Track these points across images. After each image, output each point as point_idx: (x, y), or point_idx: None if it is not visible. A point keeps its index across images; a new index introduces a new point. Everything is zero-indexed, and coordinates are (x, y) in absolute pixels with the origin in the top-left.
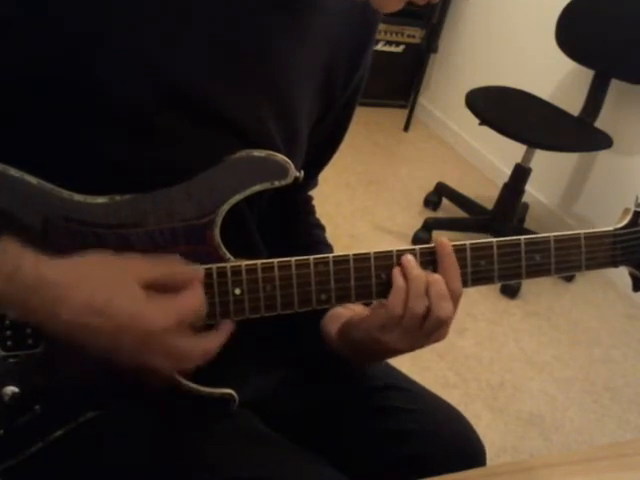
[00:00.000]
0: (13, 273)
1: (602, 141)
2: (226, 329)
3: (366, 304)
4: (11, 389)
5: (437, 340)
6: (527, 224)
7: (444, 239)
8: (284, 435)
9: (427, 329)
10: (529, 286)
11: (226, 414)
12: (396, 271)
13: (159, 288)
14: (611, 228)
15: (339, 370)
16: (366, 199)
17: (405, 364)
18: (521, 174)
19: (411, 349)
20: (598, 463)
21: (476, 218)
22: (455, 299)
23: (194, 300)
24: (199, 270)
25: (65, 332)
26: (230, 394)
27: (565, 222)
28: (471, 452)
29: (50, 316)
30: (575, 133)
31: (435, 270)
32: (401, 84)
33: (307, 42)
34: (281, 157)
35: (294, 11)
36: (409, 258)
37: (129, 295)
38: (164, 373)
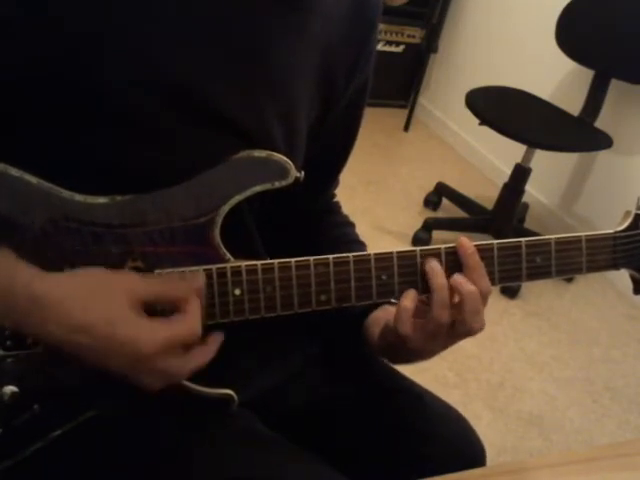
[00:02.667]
0: (5, 291)
1: (602, 141)
2: (216, 341)
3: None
4: (10, 388)
5: (460, 341)
6: (527, 224)
7: (465, 239)
8: (284, 435)
9: (454, 335)
10: (529, 286)
11: (226, 414)
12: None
13: (152, 309)
14: (612, 231)
15: (339, 371)
16: (366, 199)
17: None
18: (521, 174)
19: (442, 350)
20: (598, 463)
21: (476, 218)
22: (485, 297)
23: (187, 324)
24: (197, 285)
25: (58, 346)
26: (230, 394)
27: (565, 222)
28: (471, 452)
29: (42, 332)
30: (575, 133)
31: (461, 270)
32: (401, 84)
33: (307, 42)
34: (281, 157)
35: (294, 11)
36: (433, 266)
37: (120, 317)
38: (155, 389)
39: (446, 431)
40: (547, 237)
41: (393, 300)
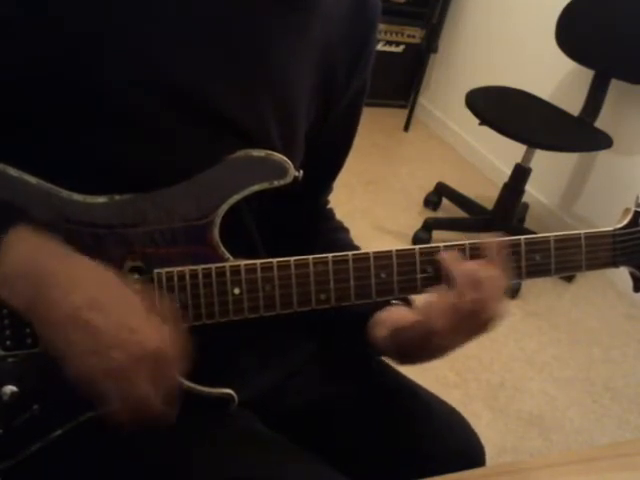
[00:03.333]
0: (18, 266)
1: (602, 141)
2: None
3: (408, 305)
4: (10, 388)
5: (484, 333)
6: (527, 224)
7: (495, 239)
8: (284, 435)
9: (478, 325)
10: (529, 286)
11: (225, 414)
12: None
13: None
14: (611, 228)
15: (339, 371)
16: (366, 199)
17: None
18: (521, 174)
19: (463, 344)
20: (598, 463)
21: (476, 218)
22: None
23: (180, 335)
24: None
25: (60, 328)
26: (229, 394)
27: (565, 222)
28: (471, 453)
29: (49, 309)
30: (575, 133)
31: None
32: (401, 84)
33: (307, 41)
34: (280, 157)
35: (294, 10)
36: (450, 253)
37: (131, 305)
38: (141, 397)
39: (446, 431)
40: (546, 235)
41: (394, 301)
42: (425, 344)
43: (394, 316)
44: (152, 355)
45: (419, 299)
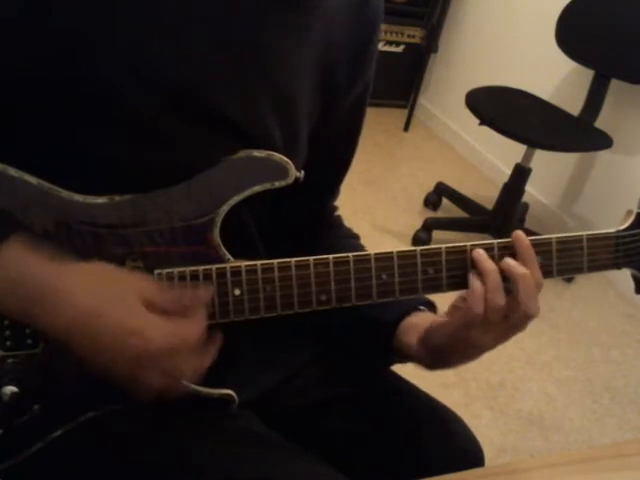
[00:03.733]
0: (15, 282)
1: (602, 141)
2: (215, 343)
3: (430, 309)
4: (10, 389)
5: (520, 331)
6: (527, 224)
7: (521, 232)
8: (284, 435)
9: (512, 323)
10: None
11: (226, 415)
12: (471, 275)
13: (161, 311)
14: (613, 230)
15: (338, 372)
16: (366, 199)
17: (406, 364)
18: (521, 174)
19: (495, 344)
20: (598, 463)
21: (476, 218)
22: (538, 289)
23: (194, 327)
24: (205, 295)
25: (63, 337)
26: (230, 394)
27: (565, 222)
28: (469, 453)
29: (52, 321)
30: (575, 133)
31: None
32: (401, 84)
33: (307, 41)
34: (281, 157)
35: (294, 10)
36: (480, 252)
37: (131, 309)
38: (155, 389)
39: (444, 432)
40: (548, 236)
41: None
42: (457, 346)
43: (424, 320)
44: (154, 356)
45: (444, 304)
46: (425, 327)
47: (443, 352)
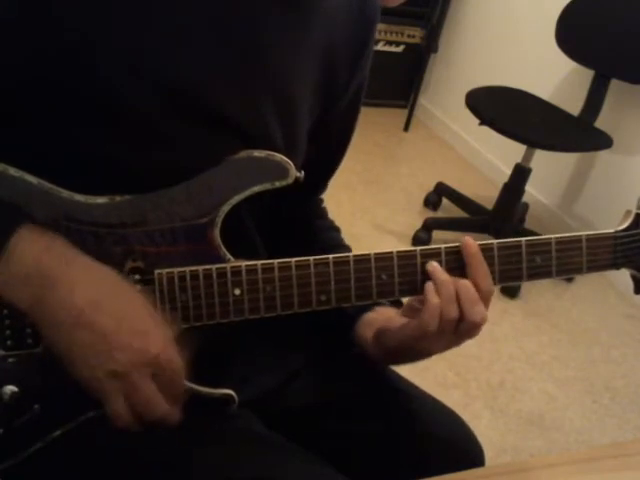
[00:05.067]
0: (24, 267)
1: (602, 141)
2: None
3: (396, 306)
4: (10, 388)
5: (471, 338)
6: (527, 224)
7: (469, 238)
8: (284, 435)
9: (462, 332)
10: (529, 286)
11: (226, 415)
12: (429, 287)
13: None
14: (612, 230)
15: (338, 372)
16: (366, 199)
17: (406, 364)
18: (521, 174)
19: (445, 350)
20: (598, 463)
21: (476, 218)
22: (486, 297)
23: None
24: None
25: (65, 330)
26: (230, 394)
27: (565, 222)
28: (469, 453)
29: (54, 310)
30: (575, 133)
31: (462, 269)
32: (401, 84)
33: (307, 41)
34: (281, 157)
35: (294, 10)
36: (434, 265)
37: (136, 307)
38: (149, 396)
39: (444, 432)
40: (547, 237)
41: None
42: (408, 352)
43: (382, 318)
44: (156, 358)
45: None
46: (381, 324)
47: (394, 354)
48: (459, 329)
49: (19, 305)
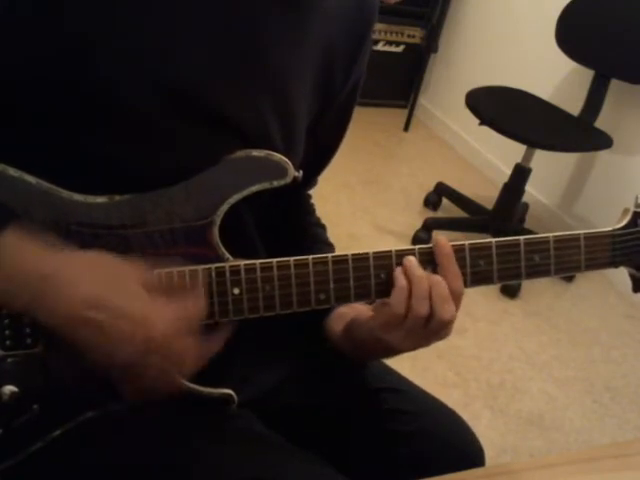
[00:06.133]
0: (15, 272)
1: (602, 141)
2: (226, 330)
3: (369, 303)
4: (10, 388)
5: (440, 339)
6: (527, 224)
7: (442, 238)
8: (284, 435)
9: (431, 330)
10: (529, 286)
11: (226, 415)
12: (398, 271)
13: (161, 290)
14: (610, 228)
15: (338, 372)
16: (366, 199)
17: (405, 364)
18: (521, 174)
19: (414, 349)
20: (598, 463)
21: (476, 218)
22: (456, 298)
23: (195, 304)
24: (200, 271)
25: (65, 328)
26: (229, 394)
27: (565, 222)
28: (469, 453)
29: (54, 311)
30: (575, 133)
31: (435, 270)
32: (401, 84)
33: (306, 41)
34: (280, 157)
35: (294, 10)
36: (411, 259)
37: (132, 296)
38: (161, 377)
39: (444, 432)
40: (545, 235)
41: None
42: (377, 345)
43: (352, 311)
44: (159, 342)
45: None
46: (351, 317)
47: (363, 347)
48: (428, 327)
49: (14, 305)
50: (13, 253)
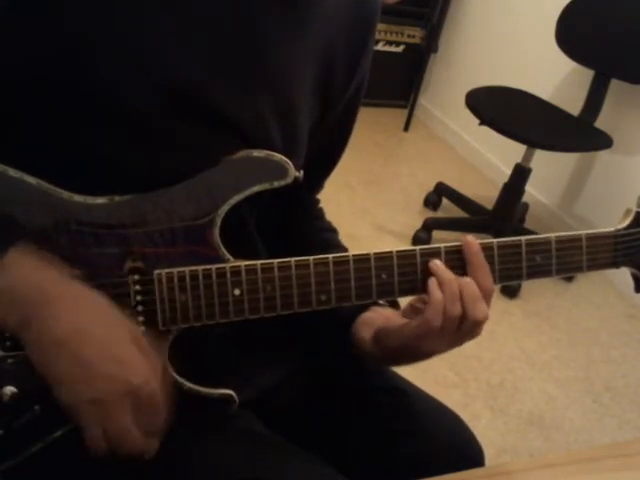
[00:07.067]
0: (16, 286)
1: (602, 141)
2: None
3: (392, 305)
4: (10, 389)
5: (473, 338)
6: (527, 224)
7: (471, 237)
8: (284, 435)
9: (464, 331)
10: (529, 286)
11: (226, 415)
12: (432, 283)
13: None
14: (612, 229)
15: (338, 372)
16: (366, 199)
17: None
18: (521, 174)
19: (447, 350)
20: (598, 463)
21: (476, 218)
22: (487, 297)
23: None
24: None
25: (46, 351)
26: (230, 394)
27: (565, 222)
28: (469, 453)
29: (38, 332)
30: (575, 133)
31: (463, 269)
32: (401, 84)
33: (306, 41)
34: (280, 157)
35: (293, 10)
36: (437, 263)
37: (122, 339)
38: (121, 427)
39: (444, 432)
40: (547, 235)
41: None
42: (409, 351)
43: (380, 317)
44: (137, 390)
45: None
46: (380, 324)
47: (395, 355)
48: (461, 328)
49: (7, 326)
50: (11, 274)
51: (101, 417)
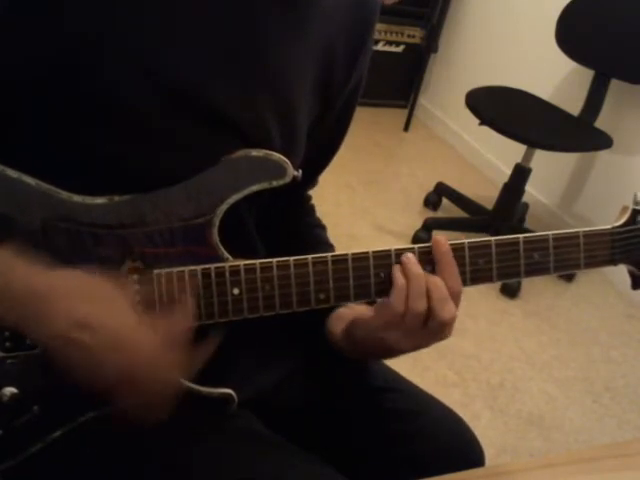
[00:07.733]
0: (3, 285)
1: (602, 141)
2: (218, 334)
3: (369, 304)
4: (10, 390)
5: (442, 339)
6: (527, 224)
7: (441, 237)
8: (283, 435)
9: (430, 330)
10: (529, 286)
11: (226, 414)
12: (396, 269)
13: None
14: (609, 226)
15: (339, 371)
16: (366, 199)
17: (406, 364)
18: (521, 174)
19: (415, 349)
20: (598, 463)
21: (476, 218)
22: (455, 297)
23: (184, 317)
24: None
25: (56, 345)
26: (229, 394)
27: (565, 222)
28: (469, 453)
29: (42, 329)
30: (575, 133)
31: (434, 269)
32: (401, 84)
33: (306, 41)
34: (279, 157)
35: (293, 10)
36: (409, 256)
37: (120, 317)
38: (147, 401)
39: (444, 432)
40: (545, 233)
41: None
42: (377, 345)
43: (353, 312)
44: (144, 366)
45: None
46: (351, 317)
47: (363, 347)
48: (428, 326)
49: (3, 320)
50: (4, 270)
51: (116, 396)
